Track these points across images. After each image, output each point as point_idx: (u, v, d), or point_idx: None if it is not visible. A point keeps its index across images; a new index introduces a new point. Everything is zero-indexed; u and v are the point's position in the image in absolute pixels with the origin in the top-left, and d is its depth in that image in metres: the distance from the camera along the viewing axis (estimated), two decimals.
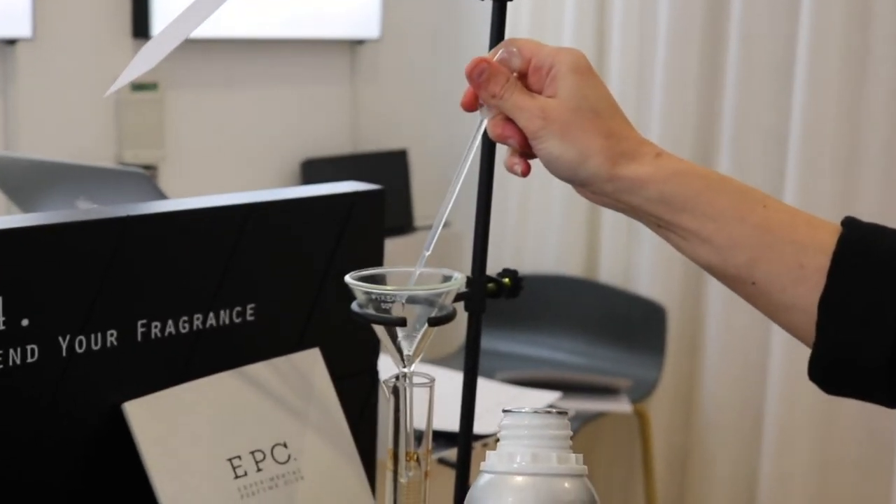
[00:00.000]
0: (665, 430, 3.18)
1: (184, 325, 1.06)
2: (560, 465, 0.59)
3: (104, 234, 1.00)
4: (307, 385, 1.11)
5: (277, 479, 1.06)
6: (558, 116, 0.93)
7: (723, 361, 3.09)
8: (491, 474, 0.60)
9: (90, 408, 1.01)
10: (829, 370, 0.92)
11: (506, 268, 1.00)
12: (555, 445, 0.61)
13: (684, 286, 3.15)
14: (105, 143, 2.94)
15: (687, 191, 0.93)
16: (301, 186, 1.22)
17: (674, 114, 3.11)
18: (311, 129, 3.41)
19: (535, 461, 0.60)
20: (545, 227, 3.36)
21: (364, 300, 0.90)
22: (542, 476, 0.59)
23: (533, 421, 0.62)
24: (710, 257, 0.94)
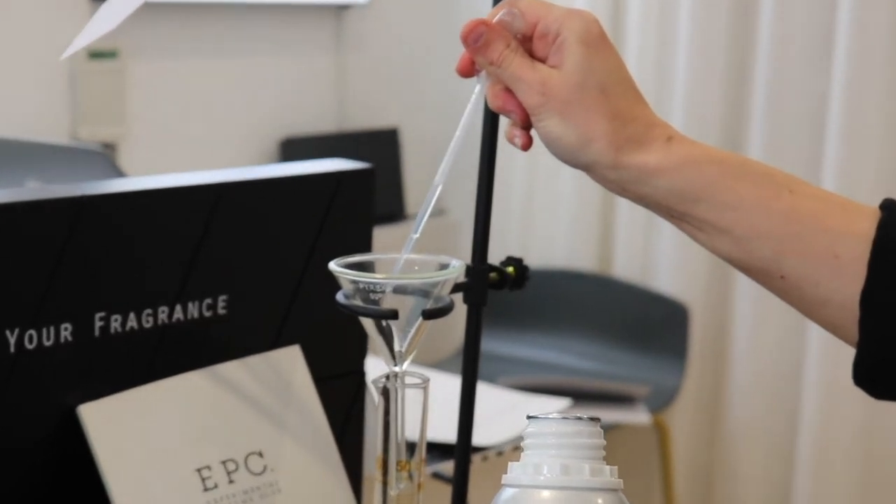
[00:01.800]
0: (687, 444, 3.19)
1: (147, 319, 1.06)
2: (593, 479, 0.59)
3: (57, 216, 1.00)
4: (286, 387, 1.11)
5: (252, 493, 1.06)
6: (560, 93, 0.93)
7: (752, 367, 3.09)
8: (514, 488, 0.60)
9: (41, 411, 1.01)
10: (877, 372, 0.92)
11: (510, 256, 1.00)
12: (587, 456, 0.61)
13: (709, 282, 3.16)
14: (57, 117, 2.93)
15: (701, 179, 0.93)
16: (280, 164, 1.23)
17: (698, 90, 3.11)
18: (291, 105, 3.41)
19: (566, 473, 0.59)
20: (554, 214, 3.37)
21: (351, 290, 0.90)
22: (572, 490, 0.59)
23: (562, 428, 0.61)
24: (731, 250, 0.94)
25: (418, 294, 0.90)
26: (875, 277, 0.91)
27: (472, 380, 0.99)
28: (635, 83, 0.96)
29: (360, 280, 0.89)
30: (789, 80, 3.00)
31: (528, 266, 1.00)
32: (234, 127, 3.29)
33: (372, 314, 0.89)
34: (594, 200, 3.32)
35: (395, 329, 0.91)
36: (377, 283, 0.89)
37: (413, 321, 0.90)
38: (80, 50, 0.99)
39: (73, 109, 2.95)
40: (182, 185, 1.09)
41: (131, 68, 3.04)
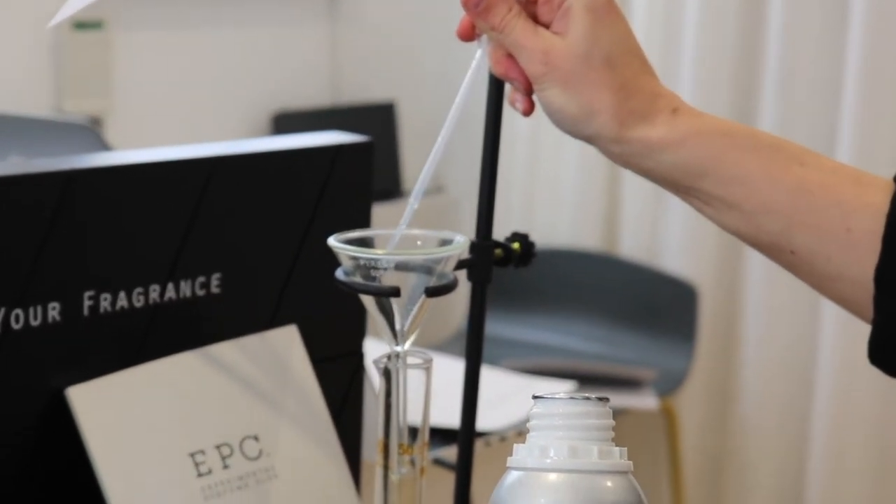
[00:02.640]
0: (696, 430, 3.19)
1: (138, 298, 1.06)
2: (602, 461, 0.59)
3: (44, 191, 1.00)
4: (282, 368, 1.11)
5: (247, 478, 1.06)
6: (562, 63, 0.93)
7: (764, 349, 3.10)
8: (520, 471, 0.60)
9: (28, 393, 1.01)
10: (892, 350, 0.92)
11: (515, 231, 1.00)
12: (595, 437, 0.61)
13: (719, 262, 3.16)
14: (41, 90, 2.93)
15: (707, 153, 0.93)
16: (275, 137, 1.22)
17: (708, 58, 3.11)
18: (283, 77, 3.41)
19: (574, 456, 0.60)
20: (558, 192, 3.36)
21: (351, 267, 0.90)
22: (581, 473, 0.59)
23: (569, 408, 0.61)
24: (740, 224, 0.95)
25: (421, 271, 0.90)
26: (890, 253, 0.91)
27: (476, 361, 1.00)
28: (642, 51, 0.96)
29: (361, 256, 0.89)
30: (802, 55, 3.00)
31: (534, 242, 1.00)
32: (224, 100, 3.29)
33: (373, 291, 0.89)
34: (599, 177, 3.32)
35: (396, 307, 0.91)
36: (378, 260, 0.89)
37: (415, 299, 0.91)
38: (65, 20, 0.99)
39: (57, 82, 2.95)
40: (174, 158, 1.10)
41: (117, 39, 3.03)
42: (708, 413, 3.21)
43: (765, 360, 3.10)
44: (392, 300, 0.91)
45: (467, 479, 1.05)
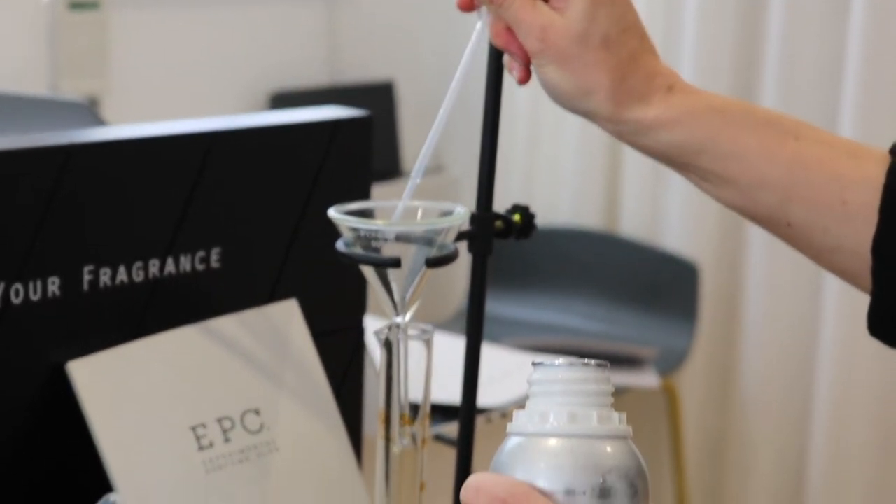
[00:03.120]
0: (697, 409, 3.20)
1: (138, 273, 1.07)
2: (601, 426, 0.60)
3: (44, 165, 1.01)
4: (282, 342, 1.12)
5: (248, 452, 1.07)
6: (559, 42, 0.94)
7: (765, 328, 3.10)
8: (520, 437, 0.61)
9: (29, 367, 1.02)
10: (892, 321, 0.93)
11: (516, 203, 1.01)
12: (594, 403, 0.61)
13: (720, 240, 3.16)
14: (37, 70, 2.93)
15: (703, 132, 0.95)
16: (274, 112, 1.23)
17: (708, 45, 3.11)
18: (281, 57, 3.41)
19: (573, 421, 0.60)
20: (557, 170, 3.37)
21: (351, 238, 0.91)
22: (580, 438, 0.60)
23: (568, 374, 0.62)
24: (737, 199, 0.96)
25: (421, 242, 0.91)
26: (886, 224, 0.92)
27: (477, 334, 1.00)
28: (642, 27, 0.97)
29: (362, 227, 0.90)
30: (803, 41, 3.00)
31: (535, 214, 1.01)
32: (221, 81, 3.29)
33: (374, 262, 0.90)
34: (600, 156, 3.33)
35: (397, 278, 0.91)
36: (379, 231, 0.90)
37: (416, 270, 0.91)
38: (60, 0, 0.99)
39: (53, 62, 2.95)
40: (173, 133, 1.10)
41: (113, 19, 3.03)
42: (709, 391, 3.22)
43: (766, 339, 3.11)
44: (393, 271, 0.91)
45: (469, 450, 1.05)
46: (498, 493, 0.58)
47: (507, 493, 0.57)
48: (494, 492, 0.58)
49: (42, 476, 1.04)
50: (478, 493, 0.58)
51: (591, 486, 0.59)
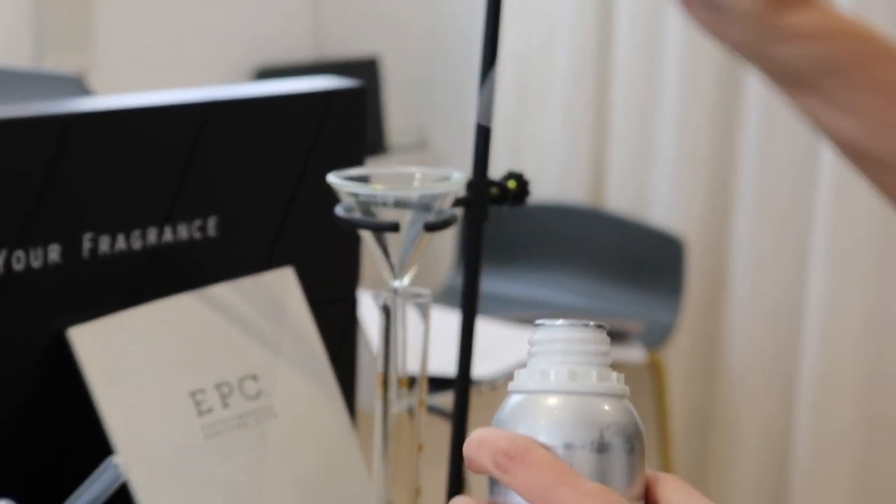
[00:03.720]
0: (684, 383, 3.23)
1: (136, 241, 1.09)
2: (600, 384, 0.62)
3: (43, 134, 1.03)
4: (279, 309, 1.14)
5: (247, 417, 1.09)
6: None
7: (751, 302, 3.13)
8: (521, 394, 0.63)
9: (30, 333, 1.04)
10: None
11: (510, 170, 1.03)
12: (594, 362, 0.63)
13: (706, 215, 3.19)
14: (20, 45, 2.94)
15: (850, 55, 0.89)
16: (269, 83, 1.25)
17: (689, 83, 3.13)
18: (266, 32, 3.42)
19: (573, 379, 0.62)
20: (544, 146, 3.39)
21: (351, 203, 0.93)
22: (580, 395, 0.62)
23: (568, 334, 0.64)
24: (855, 134, 0.90)
25: (419, 207, 0.93)
26: None
27: (472, 297, 1.02)
28: None
29: (361, 192, 0.92)
30: None
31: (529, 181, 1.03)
32: (206, 56, 3.30)
33: (373, 226, 0.92)
34: (586, 131, 3.34)
35: (395, 243, 0.94)
36: (378, 196, 0.92)
37: (413, 235, 0.93)
38: None
39: (36, 37, 2.96)
40: (171, 103, 1.12)
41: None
42: (695, 366, 3.25)
43: (752, 314, 3.14)
44: (391, 237, 0.93)
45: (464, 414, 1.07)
46: (500, 445, 0.59)
47: (509, 446, 0.59)
48: (497, 445, 0.59)
49: (43, 440, 1.06)
50: (480, 446, 0.60)
51: (590, 441, 0.61)
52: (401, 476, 0.99)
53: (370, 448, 1.04)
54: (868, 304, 2.93)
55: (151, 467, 1.03)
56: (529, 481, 0.58)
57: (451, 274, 3.30)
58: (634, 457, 0.62)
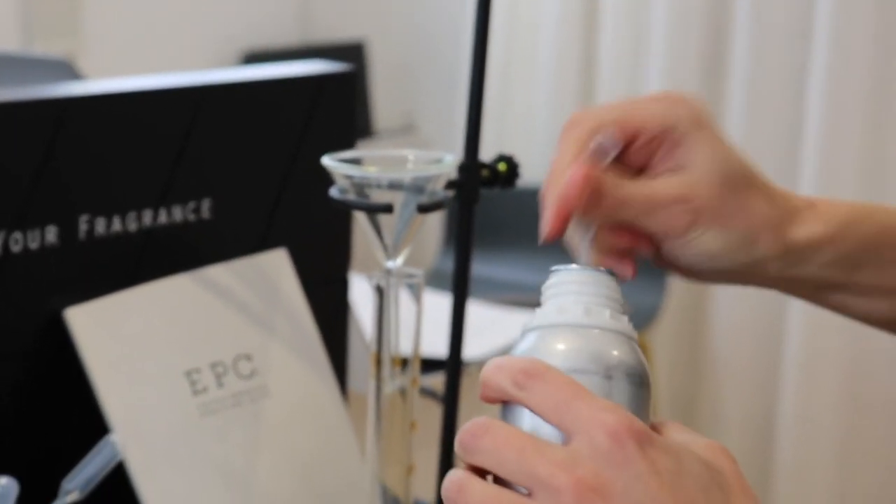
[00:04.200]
0: (669, 365, 3.25)
1: (131, 223, 1.10)
2: (613, 321, 0.64)
3: (41, 117, 1.04)
4: (273, 290, 1.16)
5: (241, 396, 1.11)
6: (709, 200, 0.81)
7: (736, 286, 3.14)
8: (538, 329, 0.65)
9: (28, 314, 1.06)
10: None
11: (501, 153, 1.05)
12: (606, 304, 0.66)
13: None
14: (9, 31, 2.95)
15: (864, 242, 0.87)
16: (261, 67, 1.27)
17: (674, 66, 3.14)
18: (252, 17, 3.43)
19: (587, 314, 0.64)
20: (529, 130, 3.40)
21: (345, 185, 0.94)
22: (593, 328, 0.64)
23: (583, 277, 0.66)
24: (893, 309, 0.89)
25: (412, 189, 0.95)
26: None
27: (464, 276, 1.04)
28: None
29: (356, 175, 0.93)
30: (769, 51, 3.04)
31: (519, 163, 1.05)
32: (193, 41, 3.31)
33: (367, 208, 0.94)
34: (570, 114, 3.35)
35: (388, 224, 0.95)
36: (373, 178, 0.93)
37: (406, 217, 0.95)
38: None
39: (24, 22, 2.97)
40: (165, 87, 1.14)
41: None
42: (680, 348, 3.27)
43: (737, 297, 3.16)
44: (384, 218, 0.95)
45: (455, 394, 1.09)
46: (520, 366, 0.61)
47: (528, 365, 0.61)
48: (516, 366, 0.61)
49: (41, 419, 1.07)
50: (499, 369, 0.61)
51: (603, 368, 0.63)
52: (394, 454, 1.01)
53: (363, 430, 1.06)
54: None
55: (148, 445, 1.05)
56: (546, 397, 0.60)
57: (438, 258, 3.32)
58: (642, 391, 0.64)
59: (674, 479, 0.59)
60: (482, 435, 0.60)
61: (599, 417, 0.59)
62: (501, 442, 0.60)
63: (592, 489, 0.58)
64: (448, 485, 0.61)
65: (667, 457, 0.59)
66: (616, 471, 0.58)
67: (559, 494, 0.58)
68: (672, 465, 0.59)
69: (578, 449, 0.59)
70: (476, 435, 0.60)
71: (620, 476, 0.58)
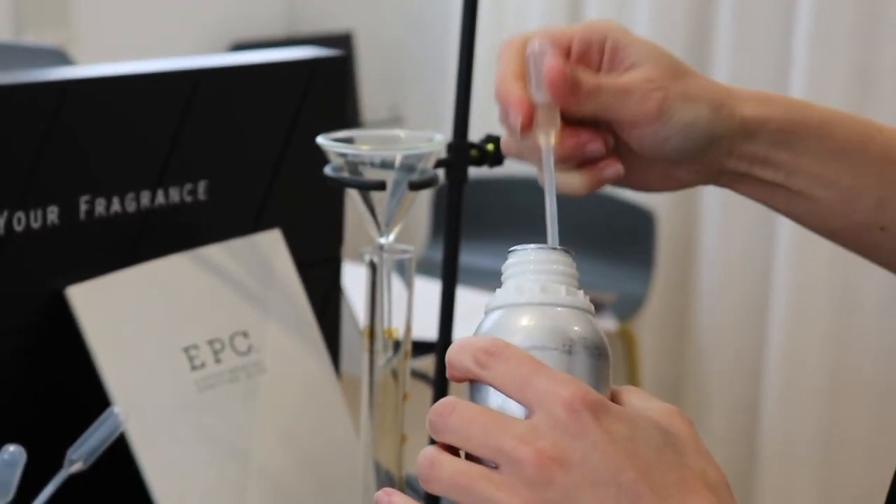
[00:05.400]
0: (654, 353, 3.29)
1: (130, 203, 1.14)
2: (569, 297, 0.67)
3: (42, 99, 1.08)
4: (268, 269, 1.19)
5: (238, 372, 1.14)
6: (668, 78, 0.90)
7: (720, 274, 3.18)
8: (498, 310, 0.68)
9: (31, 292, 1.09)
10: None
11: (489, 133, 1.08)
12: (562, 281, 0.69)
13: None
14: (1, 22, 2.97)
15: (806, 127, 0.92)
16: (256, 52, 1.30)
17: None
18: (240, 8, 3.45)
19: (544, 292, 0.68)
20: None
21: (339, 164, 0.98)
22: (550, 306, 0.67)
23: (539, 255, 0.70)
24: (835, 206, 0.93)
25: (403, 168, 0.98)
26: None
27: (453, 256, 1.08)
28: None
29: (349, 153, 0.97)
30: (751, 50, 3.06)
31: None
32: (181, 32, 3.34)
33: (360, 185, 0.97)
34: None
35: (380, 202, 0.99)
36: (366, 156, 0.97)
37: (398, 194, 0.99)
38: None
39: (15, 13, 2.99)
40: (163, 70, 1.17)
41: None
42: (666, 336, 3.30)
43: (721, 285, 3.19)
44: (376, 196, 0.99)
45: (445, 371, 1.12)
46: (480, 344, 0.64)
47: (488, 344, 0.64)
48: (477, 344, 0.64)
49: (45, 392, 1.11)
50: (462, 350, 0.64)
51: (561, 343, 0.66)
52: (387, 425, 1.04)
53: (356, 409, 1.09)
54: (834, 277, 2.99)
55: (148, 419, 1.08)
56: (507, 374, 0.63)
57: (425, 246, 3.35)
58: (600, 363, 0.67)
59: (629, 445, 0.62)
60: (449, 414, 0.64)
61: (556, 391, 0.62)
62: (466, 419, 0.63)
63: (553, 459, 0.61)
64: (421, 461, 0.64)
65: (622, 424, 0.62)
66: (574, 441, 0.61)
67: (522, 465, 0.61)
68: (627, 432, 0.62)
69: (538, 422, 0.62)
70: (443, 414, 0.64)
71: (578, 445, 0.61)
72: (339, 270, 1.32)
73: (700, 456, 0.64)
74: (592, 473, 0.61)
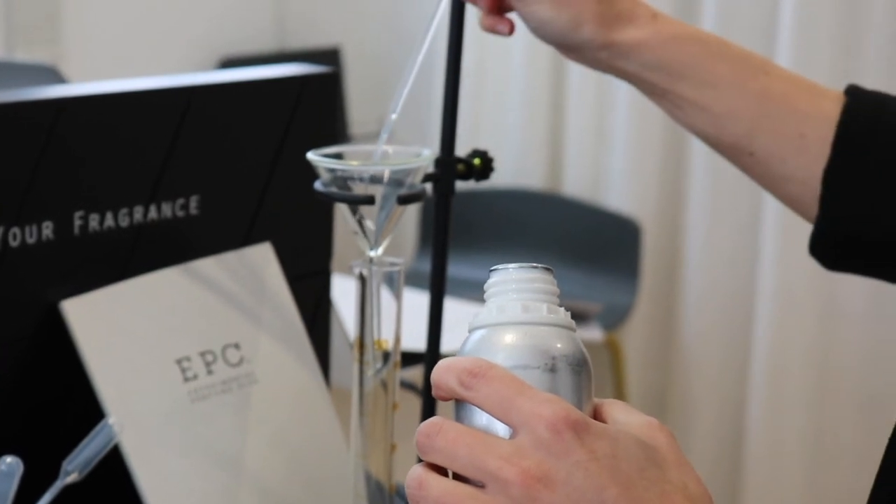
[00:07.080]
0: (640, 363, 3.30)
1: (123, 218, 1.15)
2: (550, 315, 0.69)
3: (38, 117, 1.09)
4: (259, 282, 1.20)
5: (230, 383, 1.15)
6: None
7: (705, 284, 3.19)
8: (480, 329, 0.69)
9: (26, 306, 1.10)
10: (832, 245, 1.04)
11: (475, 148, 1.10)
12: (543, 299, 0.70)
13: (661, 199, 3.25)
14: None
15: (685, 57, 1.03)
16: (247, 69, 1.31)
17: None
18: (229, 24, 3.46)
19: (526, 311, 0.69)
20: (500, 131, 3.44)
21: (328, 179, 0.99)
22: (532, 325, 0.68)
23: (520, 275, 0.71)
24: (707, 127, 1.05)
25: (392, 182, 0.99)
26: (837, 157, 1.02)
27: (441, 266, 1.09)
28: None
29: (338, 168, 0.98)
30: None
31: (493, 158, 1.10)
32: (171, 48, 3.35)
33: (350, 200, 0.99)
34: (543, 116, 3.39)
35: (370, 216, 1.00)
36: (355, 171, 0.98)
37: (387, 208, 1.00)
38: None
39: (6, 30, 3.00)
40: (156, 87, 1.18)
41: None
42: (651, 346, 3.31)
43: (706, 294, 3.20)
44: (366, 210, 1.00)
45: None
46: (464, 365, 0.65)
47: (472, 365, 0.65)
48: (461, 365, 0.65)
49: (40, 404, 1.12)
50: (447, 370, 0.65)
51: (543, 363, 0.67)
52: (377, 434, 1.05)
53: (346, 421, 1.10)
54: (818, 285, 3.00)
55: (141, 430, 1.10)
56: (491, 395, 0.65)
57: (413, 258, 3.36)
58: (582, 379, 0.68)
59: (611, 462, 0.63)
60: (435, 434, 0.65)
61: (539, 411, 0.64)
62: (452, 440, 0.64)
63: (537, 479, 0.62)
64: (409, 481, 0.65)
65: (603, 442, 0.64)
66: (557, 460, 0.63)
67: (508, 485, 0.63)
68: (609, 450, 0.63)
69: (522, 442, 0.64)
70: (430, 435, 0.65)
71: (562, 464, 0.63)
72: (329, 283, 1.34)
73: (681, 469, 0.65)
74: (576, 492, 0.62)
